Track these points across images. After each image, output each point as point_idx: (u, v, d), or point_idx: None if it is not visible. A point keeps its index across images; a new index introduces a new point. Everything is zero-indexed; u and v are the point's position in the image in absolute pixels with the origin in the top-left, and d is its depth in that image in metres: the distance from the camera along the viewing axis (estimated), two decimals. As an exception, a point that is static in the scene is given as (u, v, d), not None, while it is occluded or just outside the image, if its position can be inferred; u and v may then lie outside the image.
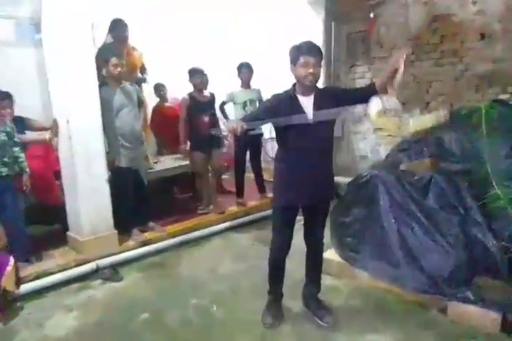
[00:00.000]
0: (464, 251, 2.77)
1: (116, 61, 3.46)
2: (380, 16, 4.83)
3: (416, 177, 3.07)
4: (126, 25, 4.17)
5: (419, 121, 2.17)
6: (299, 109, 2.28)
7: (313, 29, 5.22)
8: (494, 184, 2.52)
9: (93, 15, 3.36)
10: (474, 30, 4.22)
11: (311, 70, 2.21)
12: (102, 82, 3.49)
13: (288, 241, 2.52)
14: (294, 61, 2.26)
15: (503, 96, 4.09)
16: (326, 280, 2.91)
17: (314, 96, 2.32)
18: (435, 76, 4.57)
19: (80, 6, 3.17)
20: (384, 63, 4.85)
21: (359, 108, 5.18)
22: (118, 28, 4.12)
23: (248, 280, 3.16)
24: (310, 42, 2.26)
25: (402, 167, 3.29)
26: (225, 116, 4.77)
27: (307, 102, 2.31)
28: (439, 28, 4.45)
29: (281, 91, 2.40)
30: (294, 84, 2.36)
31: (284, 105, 2.29)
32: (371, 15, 4.83)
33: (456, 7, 4.30)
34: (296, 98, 2.31)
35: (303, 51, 2.22)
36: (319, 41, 5.22)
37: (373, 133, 5.15)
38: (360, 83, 5.11)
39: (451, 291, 2.65)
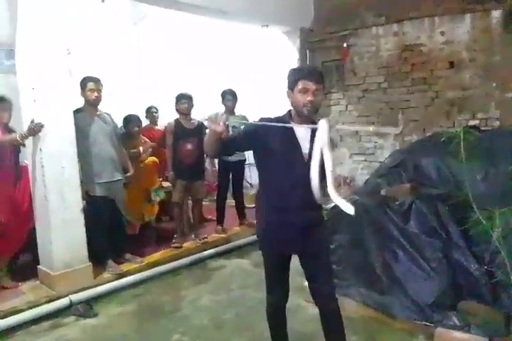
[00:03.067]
0: (448, 276, 2.78)
1: (92, 86, 3.40)
2: (353, 46, 5.00)
3: (397, 203, 3.09)
4: (136, 120, 4.22)
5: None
6: (294, 141, 1.96)
7: (289, 57, 5.35)
8: (475, 208, 2.55)
9: (68, 41, 3.31)
10: (443, 58, 4.42)
11: (310, 98, 1.89)
12: (78, 109, 3.41)
13: (283, 288, 2.19)
14: (291, 86, 1.95)
15: (473, 122, 4.26)
16: (310, 310, 2.84)
17: (312, 129, 1.96)
18: (407, 103, 4.72)
19: (55, 31, 3.13)
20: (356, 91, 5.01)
21: (334, 134, 5.28)
22: (127, 124, 4.19)
23: (231, 313, 3.04)
24: (311, 66, 2.00)
25: (383, 192, 3.32)
26: None
27: (303, 134, 1.97)
28: (409, 57, 4.64)
29: (269, 116, 2.05)
30: (289, 111, 2.04)
31: (274, 133, 1.93)
32: (344, 44, 4.99)
33: (424, 37, 4.51)
34: (292, 128, 1.98)
35: (302, 75, 1.92)
36: (295, 69, 5.36)
37: (349, 158, 5.23)
38: (336, 109, 5.23)
39: (438, 317, 2.63)
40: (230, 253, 4.25)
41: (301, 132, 1.98)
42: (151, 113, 5.18)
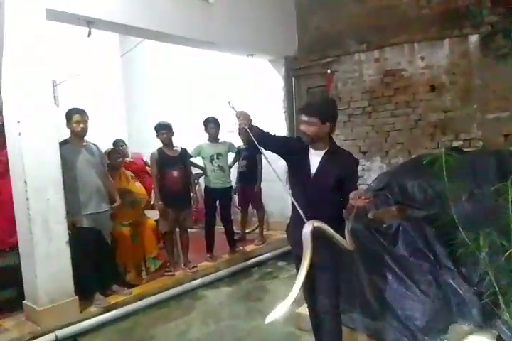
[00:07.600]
0: (438, 299, 2.74)
1: (78, 118, 3.43)
2: (337, 72, 5.12)
3: (385, 226, 3.09)
4: (117, 153, 4.26)
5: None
6: (305, 161, 2.24)
7: (275, 85, 5.47)
8: (460, 229, 2.55)
9: (55, 72, 3.34)
10: (424, 83, 4.53)
11: (303, 128, 2.18)
12: (64, 140, 3.43)
13: (312, 309, 2.41)
14: None
15: (456, 143, 4.32)
16: (302, 337, 2.78)
17: (325, 153, 2.23)
18: (392, 126, 4.80)
19: (40, 64, 3.16)
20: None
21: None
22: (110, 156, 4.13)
23: (221, 345, 2.97)
24: (317, 99, 2.30)
25: (370, 215, 3.31)
26: (198, 167, 4.71)
27: (315, 156, 2.24)
28: (392, 82, 4.75)
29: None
30: None
31: (297, 149, 2.27)
32: (328, 71, 5.11)
33: (405, 63, 4.63)
34: (308, 149, 2.26)
35: (300, 108, 2.25)
36: (281, 96, 5.46)
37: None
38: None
39: (430, 341, 2.59)
40: (220, 282, 4.17)
41: (314, 155, 2.25)
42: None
